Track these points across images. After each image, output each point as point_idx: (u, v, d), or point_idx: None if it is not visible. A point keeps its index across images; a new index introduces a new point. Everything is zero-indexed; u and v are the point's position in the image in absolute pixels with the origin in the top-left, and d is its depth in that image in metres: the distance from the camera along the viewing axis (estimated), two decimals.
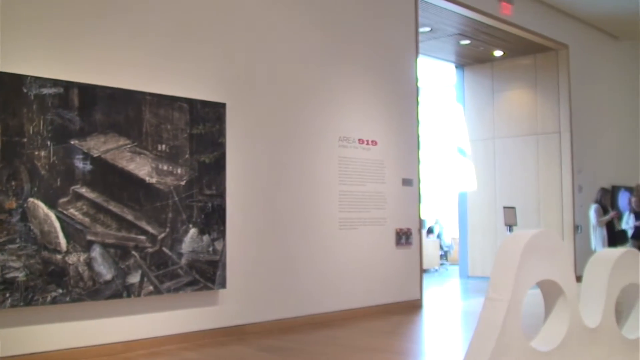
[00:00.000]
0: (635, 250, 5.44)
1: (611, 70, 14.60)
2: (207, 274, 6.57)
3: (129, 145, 6.07)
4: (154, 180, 6.22)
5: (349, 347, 6.40)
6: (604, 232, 11.51)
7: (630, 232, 11.81)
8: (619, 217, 12.23)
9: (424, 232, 15.92)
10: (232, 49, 7.12)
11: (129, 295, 5.97)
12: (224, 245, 6.73)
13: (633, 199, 11.96)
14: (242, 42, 7.23)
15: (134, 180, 6.07)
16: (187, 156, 6.48)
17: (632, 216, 11.79)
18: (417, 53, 9.55)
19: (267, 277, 7.28)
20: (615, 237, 11.58)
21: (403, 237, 9.04)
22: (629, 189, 13.61)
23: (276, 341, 6.60)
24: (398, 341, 6.85)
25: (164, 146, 6.32)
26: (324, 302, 7.92)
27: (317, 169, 7.98)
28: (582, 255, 11.40)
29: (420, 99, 9.59)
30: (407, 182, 9.17)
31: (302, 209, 7.74)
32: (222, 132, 6.80)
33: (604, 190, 11.88)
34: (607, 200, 11.88)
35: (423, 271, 9.52)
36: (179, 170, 6.42)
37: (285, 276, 7.49)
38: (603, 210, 11.59)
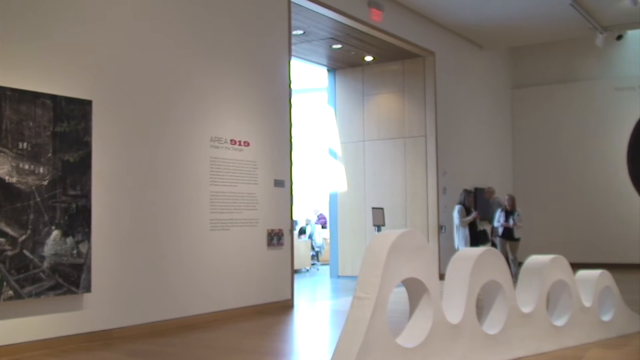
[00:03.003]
0: (495, 250, 5.74)
1: (475, 77, 15.32)
2: (71, 278, 6.33)
3: None
4: (14, 180, 5.92)
5: (220, 349, 6.36)
6: (467, 232, 12.04)
7: (500, 231, 12.44)
8: (481, 217, 12.84)
9: (296, 232, 16.05)
10: (100, 46, 6.89)
11: None
12: (89, 248, 6.51)
13: (506, 198, 12.61)
14: (111, 39, 7.02)
15: None
16: (50, 155, 6.22)
17: (502, 214, 12.42)
18: (290, 55, 9.62)
19: (135, 280, 7.10)
20: (477, 237, 12.15)
21: (275, 238, 9.07)
22: (482, 190, 14.32)
23: (145, 345, 6.46)
24: (269, 341, 6.87)
25: (25, 144, 6.04)
26: (195, 305, 7.81)
27: (188, 170, 7.86)
28: (446, 254, 11.87)
29: (292, 101, 9.66)
30: (279, 183, 9.21)
31: (172, 210, 7.60)
32: (87, 131, 6.57)
33: (466, 192, 12.42)
34: (469, 201, 12.42)
35: (294, 271, 9.60)
36: (41, 170, 6.14)
37: (154, 279, 7.33)
38: (466, 211, 12.12)
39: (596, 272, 6.49)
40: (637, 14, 12.84)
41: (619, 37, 15.13)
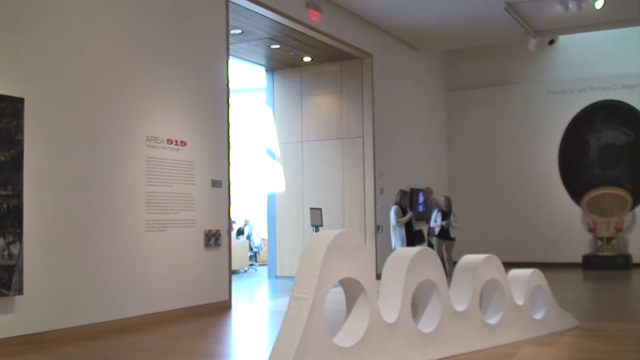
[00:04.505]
0: (430, 249, 5.83)
1: (411, 79, 15.52)
2: (2, 280, 6.16)
3: None
4: None
5: (155, 351, 6.29)
6: (403, 232, 12.20)
7: (436, 231, 12.64)
8: (417, 217, 13.04)
9: (234, 233, 15.98)
10: (32, 43, 6.72)
11: None
12: (21, 249, 6.34)
13: (442, 199, 12.82)
14: (45, 35, 6.85)
15: None
16: None
17: (439, 215, 12.63)
18: (228, 55, 9.57)
19: (69, 282, 6.95)
20: (413, 237, 12.34)
21: (212, 239, 9.01)
22: (423, 191, 14.59)
23: (78, 348, 6.34)
24: (205, 343, 6.82)
25: None
26: (130, 307, 7.70)
27: (123, 169, 7.74)
28: (383, 254, 11.98)
29: (230, 100, 9.61)
30: (216, 183, 9.15)
31: (107, 210, 7.47)
32: (19, 129, 6.40)
33: (402, 193, 12.59)
34: (405, 202, 12.59)
35: (232, 272, 9.55)
36: None
37: (88, 281, 7.19)
38: (402, 211, 12.28)
39: (528, 271, 6.65)
40: (569, 19, 13.24)
41: (552, 42, 15.56)
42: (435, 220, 12.75)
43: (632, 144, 15.55)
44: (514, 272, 6.68)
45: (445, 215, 12.53)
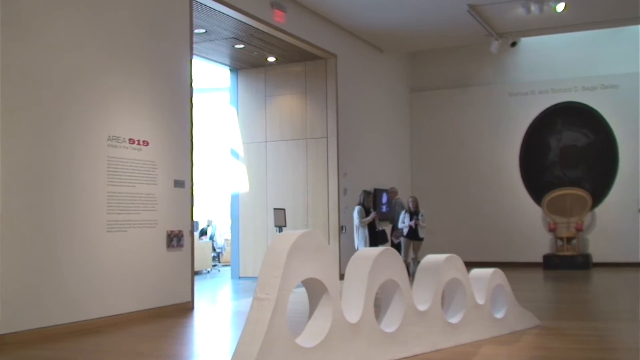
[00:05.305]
0: (393, 249, 5.85)
1: (375, 80, 15.58)
2: None
3: None
4: None
5: (116, 353, 6.21)
6: (366, 232, 12.25)
7: (405, 231, 12.72)
8: (380, 218, 13.10)
9: (197, 233, 15.88)
10: None
11: None
12: None
13: (410, 200, 12.90)
14: (2, 29, 6.73)
15: None
16: None
17: (407, 215, 12.70)
18: (191, 54, 9.49)
19: (27, 284, 6.82)
20: (376, 237, 12.39)
21: (174, 239, 8.93)
22: (386, 191, 14.67)
23: (38, 351, 6.24)
24: (167, 344, 6.76)
25: None
26: (91, 308, 7.59)
27: (84, 169, 7.62)
28: (346, 254, 12.01)
29: (194, 100, 9.54)
30: (179, 183, 9.08)
31: (66, 210, 7.35)
32: None
33: (366, 193, 12.64)
34: (369, 202, 12.65)
35: (195, 273, 9.49)
36: None
37: (47, 282, 7.06)
38: (365, 211, 12.32)
39: (489, 271, 6.71)
40: (530, 21, 13.43)
41: (513, 44, 15.74)
42: (403, 221, 12.83)
43: (592, 145, 15.82)
44: (475, 271, 6.74)
45: (413, 216, 12.61)
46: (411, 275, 7.48)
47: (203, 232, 17.60)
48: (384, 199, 14.76)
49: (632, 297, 10.38)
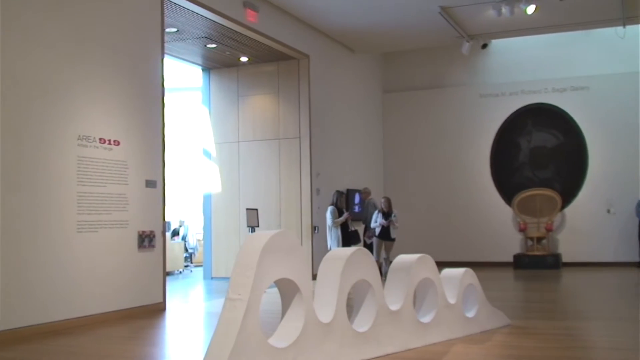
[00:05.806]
0: (365, 249, 5.86)
1: (348, 80, 15.61)
2: None
3: None
4: None
5: (84, 355, 6.15)
6: (339, 232, 12.27)
7: (377, 231, 12.76)
8: (353, 218, 13.13)
9: (169, 234, 15.77)
10: None
11: None
12: None
13: (382, 201, 12.94)
14: None
15: None
16: None
17: (380, 215, 12.74)
18: (163, 53, 9.43)
19: None
20: (349, 237, 12.42)
21: (146, 240, 8.87)
22: (359, 191, 14.72)
23: (6, 352, 6.16)
24: (138, 346, 6.71)
25: None
26: (60, 310, 7.50)
27: (53, 169, 7.54)
28: (319, 254, 12.02)
29: (165, 100, 9.48)
30: (150, 183, 9.01)
31: (35, 211, 7.26)
32: None
33: (339, 193, 12.66)
34: (342, 202, 12.67)
35: (167, 274, 9.43)
36: None
37: (16, 283, 6.97)
38: (338, 212, 12.34)
39: (460, 270, 6.76)
40: (501, 24, 13.55)
41: (484, 46, 15.86)
42: (376, 221, 12.88)
43: (562, 146, 16.00)
44: (447, 271, 6.79)
45: (386, 216, 12.67)
46: (383, 275, 7.50)
47: (175, 233, 17.50)
48: (357, 199, 14.80)
49: (601, 296, 10.53)
